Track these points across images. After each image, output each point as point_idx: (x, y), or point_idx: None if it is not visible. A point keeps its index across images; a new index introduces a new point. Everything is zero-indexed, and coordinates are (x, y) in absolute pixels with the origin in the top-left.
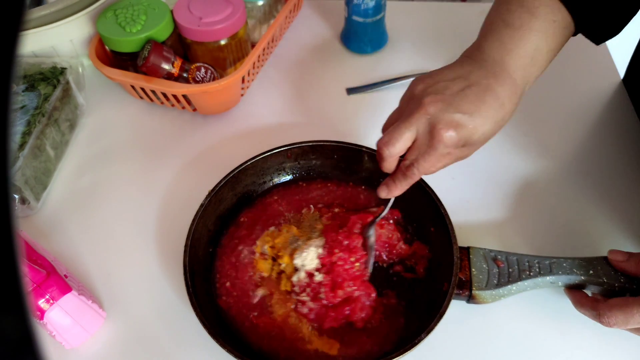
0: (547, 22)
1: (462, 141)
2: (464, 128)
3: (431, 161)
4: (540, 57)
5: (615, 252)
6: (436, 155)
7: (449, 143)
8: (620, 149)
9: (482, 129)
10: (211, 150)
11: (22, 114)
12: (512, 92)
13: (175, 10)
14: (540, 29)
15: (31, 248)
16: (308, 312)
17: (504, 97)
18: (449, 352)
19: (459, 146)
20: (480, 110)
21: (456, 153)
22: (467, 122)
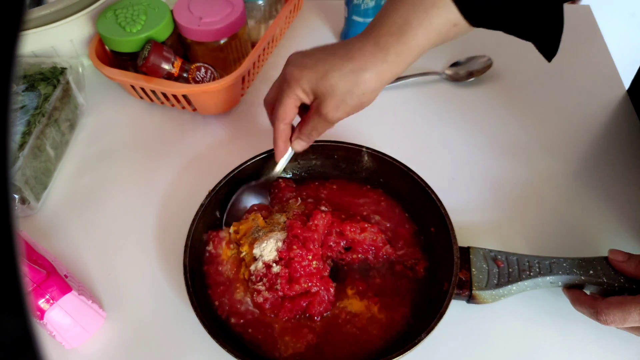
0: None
1: (307, 85)
2: (307, 69)
3: (283, 103)
4: (410, 30)
5: (615, 252)
6: (285, 96)
7: (292, 82)
8: (623, 156)
9: (327, 75)
10: (211, 150)
11: (22, 114)
12: (369, 51)
13: (175, 10)
14: (411, 3)
15: (31, 248)
16: (263, 302)
17: (354, 52)
18: (449, 352)
19: (308, 93)
20: (327, 58)
21: (313, 107)
22: (311, 64)
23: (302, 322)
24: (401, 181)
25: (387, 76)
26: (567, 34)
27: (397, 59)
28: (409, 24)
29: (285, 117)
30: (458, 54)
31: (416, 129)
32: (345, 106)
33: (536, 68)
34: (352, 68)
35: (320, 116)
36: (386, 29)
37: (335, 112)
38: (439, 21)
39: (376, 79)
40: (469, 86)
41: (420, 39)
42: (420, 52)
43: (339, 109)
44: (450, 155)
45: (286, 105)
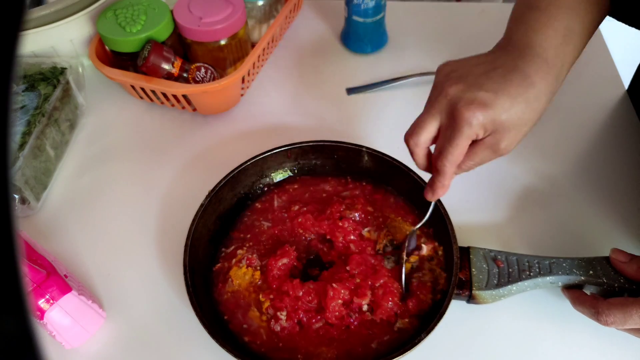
0: (576, 1)
1: (488, 122)
2: (489, 107)
3: (458, 146)
4: (574, 36)
5: (618, 252)
6: (463, 138)
7: (473, 122)
8: (622, 157)
9: (512, 109)
10: (211, 150)
11: (22, 114)
12: (544, 71)
13: (175, 10)
14: (569, 6)
15: (31, 248)
16: (280, 330)
17: (533, 76)
18: (449, 352)
19: (487, 129)
20: (506, 89)
21: (487, 141)
22: (491, 100)
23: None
24: (401, 181)
25: (555, 92)
26: None
27: (563, 72)
28: (572, 30)
29: (459, 160)
30: (458, 54)
31: None
32: (522, 135)
33: None
34: (535, 95)
35: (496, 151)
36: (550, 41)
37: (513, 144)
38: (595, 18)
39: (551, 99)
40: None
41: (580, 44)
42: (576, 59)
43: (516, 140)
44: None
45: (463, 148)
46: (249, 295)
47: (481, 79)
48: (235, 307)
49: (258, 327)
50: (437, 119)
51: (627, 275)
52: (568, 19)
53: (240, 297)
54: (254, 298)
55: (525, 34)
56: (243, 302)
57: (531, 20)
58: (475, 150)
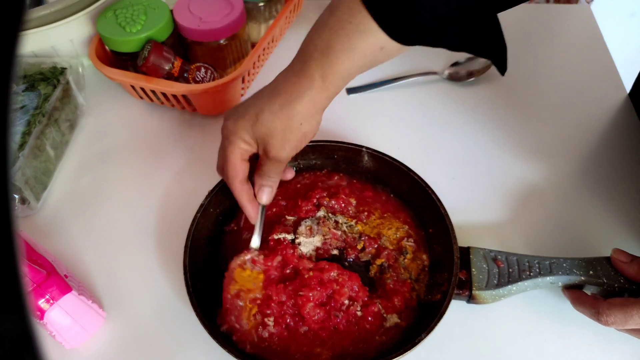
0: (342, 22)
1: (247, 134)
2: (240, 118)
3: (229, 161)
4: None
5: (619, 252)
6: (229, 154)
7: (229, 136)
8: (623, 158)
9: (260, 117)
10: (211, 150)
11: (22, 114)
12: (292, 81)
13: (175, 10)
14: (334, 28)
15: (31, 248)
16: (268, 337)
17: (279, 86)
18: (449, 352)
19: (251, 143)
20: (256, 102)
21: (260, 152)
22: (241, 112)
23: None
24: (401, 181)
25: (319, 102)
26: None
27: (324, 84)
28: (331, 48)
29: (237, 174)
30: (458, 54)
31: (416, 128)
32: (289, 142)
33: (536, 68)
34: (280, 103)
35: (270, 159)
36: (309, 55)
37: (283, 151)
38: (363, 45)
39: (308, 107)
40: (469, 86)
41: (345, 63)
42: (348, 76)
43: (284, 147)
44: (450, 155)
45: (234, 162)
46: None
47: (247, 101)
48: (232, 308)
49: (251, 329)
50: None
51: (628, 275)
52: (329, 38)
53: (240, 299)
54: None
55: (301, 45)
56: (240, 306)
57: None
58: (259, 162)
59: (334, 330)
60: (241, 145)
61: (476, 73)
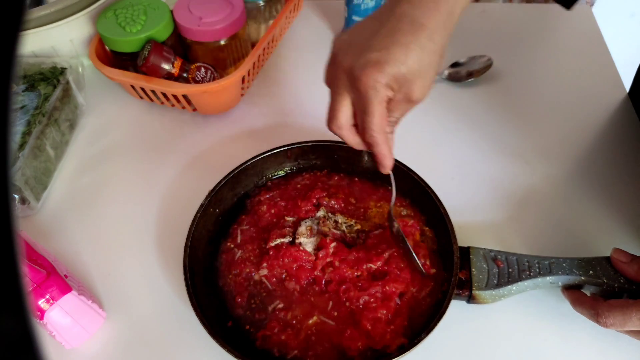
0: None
1: (392, 79)
2: (384, 65)
3: (374, 114)
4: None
5: (619, 252)
6: (374, 104)
7: (376, 84)
8: (623, 158)
9: (408, 59)
10: (211, 150)
11: (22, 114)
12: (431, 8)
13: (175, 10)
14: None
15: (31, 248)
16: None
17: (421, 18)
18: (449, 352)
19: (394, 87)
20: (396, 40)
21: (399, 96)
22: (383, 57)
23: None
24: (401, 181)
25: (451, 28)
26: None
27: (455, 5)
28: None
29: (383, 124)
30: (458, 54)
31: (416, 129)
32: (431, 79)
33: (536, 68)
34: (428, 36)
35: (411, 102)
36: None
37: (425, 91)
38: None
39: (447, 36)
40: (469, 86)
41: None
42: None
43: (427, 86)
44: (450, 155)
45: (380, 112)
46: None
47: (370, 40)
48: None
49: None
50: (346, 96)
51: (628, 275)
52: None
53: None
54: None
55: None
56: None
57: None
58: (392, 108)
59: (349, 316)
60: (387, 92)
61: (476, 73)
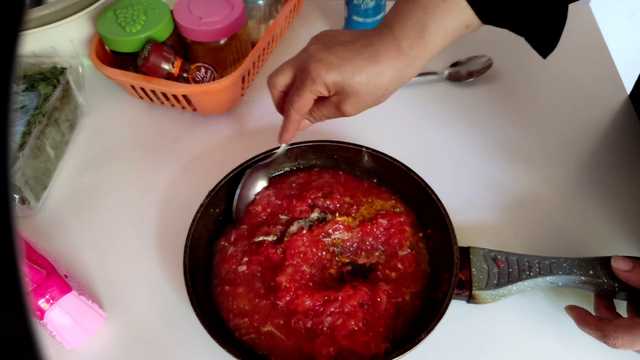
0: (436, 2)
1: (330, 83)
2: (333, 69)
3: (301, 97)
4: (427, 34)
5: (619, 261)
6: (305, 91)
7: (316, 79)
8: (625, 160)
9: (354, 78)
10: (211, 150)
11: (22, 114)
12: (393, 53)
13: (175, 10)
14: (427, 8)
15: (31, 248)
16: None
17: (381, 54)
18: (449, 352)
19: (330, 89)
20: (352, 58)
21: (332, 100)
22: (336, 63)
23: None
24: (401, 181)
25: (407, 78)
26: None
27: (416, 62)
28: (427, 28)
29: (303, 109)
30: (458, 54)
31: (416, 129)
32: (364, 105)
33: (536, 68)
34: (377, 71)
35: (339, 110)
36: (406, 32)
37: (354, 109)
38: (454, 23)
39: (397, 82)
40: (469, 86)
41: (437, 41)
42: (434, 54)
43: (357, 107)
44: (450, 155)
45: (307, 99)
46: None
47: (339, 46)
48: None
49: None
50: (293, 68)
51: (632, 283)
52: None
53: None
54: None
55: (392, 16)
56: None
57: (400, 7)
58: (323, 104)
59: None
60: (322, 89)
61: (476, 73)
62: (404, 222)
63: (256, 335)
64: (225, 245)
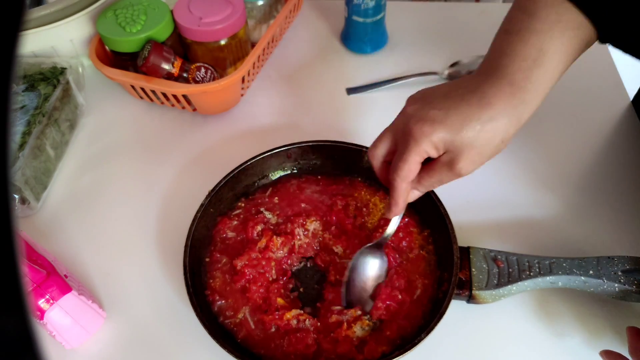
0: (550, 23)
1: (439, 140)
2: (437, 124)
3: (406, 161)
4: (547, 59)
5: (604, 356)
6: (411, 153)
7: (421, 139)
8: (626, 163)
9: (463, 128)
10: (211, 150)
11: (22, 114)
12: (506, 93)
13: (175, 10)
14: (542, 30)
15: (31, 248)
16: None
17: (491, 97)
18: (449, 352)
19: (439, 148)
20: (458, 107)
21: (443, 160)
22: (440, 117)
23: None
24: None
25: (525, 118)
26: None
27: (536, 95)
28: (545, 53)
29: (410, 176)
30: (458, 54)
31: None
32: (482, 158)
33: None
34: (491, 115)
35: (452, 171)
36: (518, 65)
37: (471, 166)
38: (574, 42)
39: (516, 124)
40: None
41: (557, 67)
42: (554, 83)
43: (475, 162)
44: None
45: (412, 164)
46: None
47: (438, 98)
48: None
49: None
50: (393, 134)
51: None
52: (541, 42)
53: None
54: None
55: (494, 57)
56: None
57: (503, 44)
58: (433, 168)
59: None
60: (430, 149)
61: None
62: (409, 223)
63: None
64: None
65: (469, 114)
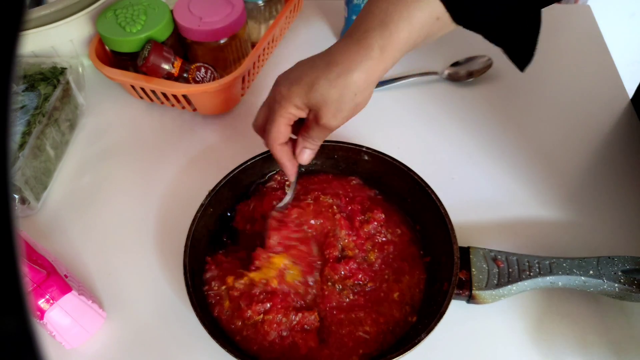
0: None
1: (299, 100)
2: (295, 85)
3: (274, 123)
4: (392, 23)
5: None
6: (276, 117)
7: (282, 100)
8: (626, 162)
9: (316, 85)
10: (211, 150)
11: (22, 114)
12: (353, 51)
13: (175, 10)
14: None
15: (31, 248)
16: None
17: (337, 55)
18: (449, 352)
19: (302, 108)
20: (310, 69)
21: (310, 118)
22: (295, 78)
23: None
24: (401, 181)
25: (375, 73)
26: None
27: (383, 55)
28: (391, 17)
29: (279, 137)
30: (458, 54)
31: (416, 128)
32: (342, 112)
33: (536, 68)
34: (338, 72)
35: (320, 126)
36: (367, 25)
37: (334, 120)
38: (421, 14)
39: (365, 78)
40: (468, 86)
41: (403, 32)
42: (405, 47)
43: (336, 116)
44: (450, 155)
45: (279, 125)
46: None
47: (298, 65)
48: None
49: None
50: (267, 104)
51: None
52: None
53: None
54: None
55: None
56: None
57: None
58: (307, 125)
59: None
60: (291, 110)
61: (476, 73)
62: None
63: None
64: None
65: (317, 73)
